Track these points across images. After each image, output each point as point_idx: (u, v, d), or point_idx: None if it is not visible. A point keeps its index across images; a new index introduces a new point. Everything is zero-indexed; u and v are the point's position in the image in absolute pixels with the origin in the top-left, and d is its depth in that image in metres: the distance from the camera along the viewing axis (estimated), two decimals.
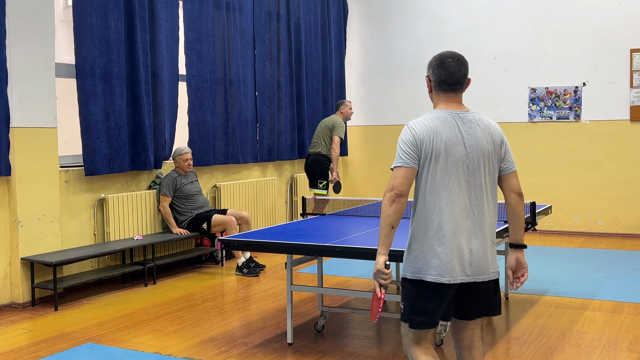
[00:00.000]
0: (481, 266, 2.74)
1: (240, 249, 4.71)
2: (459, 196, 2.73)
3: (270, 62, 8.46)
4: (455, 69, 2.85)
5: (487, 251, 2.76)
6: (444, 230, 2.71)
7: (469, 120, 2.79)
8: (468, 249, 2.72)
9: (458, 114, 2.80)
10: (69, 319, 5.21)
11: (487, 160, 2.77)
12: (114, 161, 6.31)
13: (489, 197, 2.79)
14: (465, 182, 2.73)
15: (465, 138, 2.74)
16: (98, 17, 6.14)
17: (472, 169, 2.74)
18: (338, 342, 4.50)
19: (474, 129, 2.77)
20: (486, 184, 2.78)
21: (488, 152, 2.77)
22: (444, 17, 9.56)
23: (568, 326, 4.77)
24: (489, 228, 2.79)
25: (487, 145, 2.77)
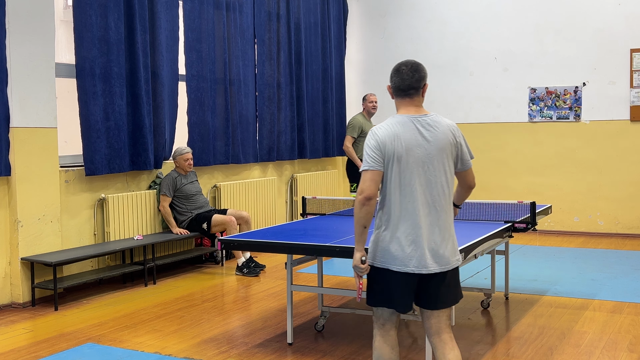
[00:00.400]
0: (443, 258, 2.99)
1: (240, 249, 4.71)
2: (420, 194, 2.98)
3: (270, 62, 8.46)
4: (408, 76, 3.06)
5: (448, 243, 3.02)
6: (407, 225, 2.97)
7: (427, 123, 3.03)
8: (431, 242, 2.97)
9: (417, 117, 3.04)
10: (69, 319, 5.21)
11: (446, 158, 3.03)
12: (113, 161, 6.31)
13: (447, 192, 3.04)
14: (425, 181, 2.98)
15: (424, 140, 2.99)
16: (98, 17, 6.14)
17: (432, 168, 2.99)
18: (338, 342, 4.50)
19: (433, 131, 3.01)
20: (446, 180, 3.03)
21: (446, 151, 3.02)
22: (444, 17, 9.56)
23: (568, 326, 4.77)
24: (449, 222, 3.04)
25: (445, 145, 3.02)
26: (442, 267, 2.99)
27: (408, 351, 4.30)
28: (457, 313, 5.10)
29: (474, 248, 3.99)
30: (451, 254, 3.03)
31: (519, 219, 4.84)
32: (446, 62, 9.56)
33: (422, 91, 3.10)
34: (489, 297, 5.29)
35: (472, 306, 5.33)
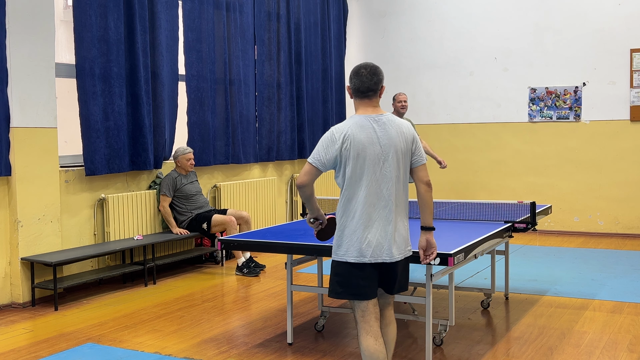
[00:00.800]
0: (399, 247, 3.24)
1: (240, 249, 4.71)
2: (375, 188, 3.18)
3: (270, 62, 8.46)
4: (367, 79, 3.26)
5: (402, 234, 3.26)
6: (364, 218, 3.17)
7: (383, 122, 3.23)
8: (387, 234, 3.19)
9: (373, 117, 3.24)
10: (69, 319, 5.21)
11: (401, 155, 3.22)
12: (113, 161, 6.31)
13: (401, 187, 3.25)
14: (381, 176, 3.18)
15: (380, 138, 3.19)
16: (98, 17, 6.14)
17: (387, 164, 3.19)
18: (338, 342, 4.50)
19: (388, 130, 3.21)
20: (399, 176, 3.23)
21: (400, 148, 3.21)
22: (444, 17, 9.56)
23: (568, 326, 4.77)
24: (403, 214, 3.28)
25: (399, 142, 3.21)
26: (396, 257, 3.22)
27: (408, 351, 4.30)
28: (457, 313, 5.11)
29: (474, 248, 3.99)
30: (404, 244, 3.27)
31: (519, 219, 4.84)
32: (446, 62, 9.56)
33: (379, 92, 3.31)
34: (489, 297, 5.29)
35: (472, 306, 5.33)
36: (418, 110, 9.82)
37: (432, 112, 9.69)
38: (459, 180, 9.55)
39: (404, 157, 3.24)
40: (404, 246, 3.28)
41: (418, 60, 9.76)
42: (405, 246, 3.29)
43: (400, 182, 3.23)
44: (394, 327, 3.41)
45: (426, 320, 3.94)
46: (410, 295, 4.48)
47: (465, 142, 9.50)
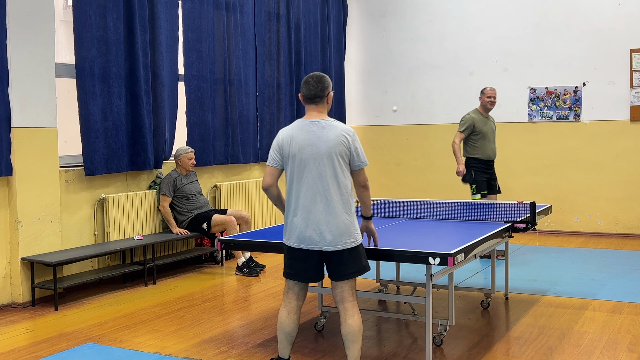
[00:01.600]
0: (333, 239, 3.53)
1: (240, 249, 4.71)
2: (312, 185, 3.54)
3: (270, 62, 8.47)
4: (313, 87, 3.64)
5: (339, 227, 3.53)
6: (304, 212, 3.56)
7: (322, 126, 3.59)
8: (321, 225, 3.52)
9: (314, 121, 3.62)
10: (69, 319, 5.21)
11: (335, 156, 3.54)
12: (111, 161, 6.31)
13: (337, 185, 3.55)
14: (317, 174, 3.53)
15: (317, 140, 3.56)
16: (97, 17, 6.14)
17: (322, 164, 3.53)
18: (338, 342, 4.50)
19: (325, 133, 3.56)
20: (335, 175, 3.54)
21: (337, 151, 3.54)
22: (444, 17, 9.56)
23: (568, 326, 4.77)
24: (339, 209, 3.54)
25: (335, 145, 3.54)
26: (331, 247, 3.53)
27: (408, 351, 4.30)
28: (457, 313, 5.11)
29: (474, 248, 3.99)
30: (340, 236, 3.53)
31: (519, 219, 4.84)
32: (446, 62, 9.56)
33: (326, 99, 3.67)
34: (488, 297, 5.29)
35: (472, 306, 5.33)
36: (418, 110, 9.82)
37: (432, 112, 9.69)
38: (459, 180, 9.53)
39: (339, 158, 3.55)
40: (342, 238, 3.54)
41: (418, 60, 9.76)
42: (343, 238, 3.54)
43: (335, 180, 3.54)
44: (353, 320, 3.57)
45: (426, 320, 3.94)
46: (410, 295, 4.48)
47: None
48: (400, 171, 9.97)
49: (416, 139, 9.84)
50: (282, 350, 3.75)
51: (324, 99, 3.67)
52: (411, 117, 9.88)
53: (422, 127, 9.79)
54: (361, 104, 10.21)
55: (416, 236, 4.34)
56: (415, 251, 3.72)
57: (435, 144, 9.71)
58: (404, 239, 4.22)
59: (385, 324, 4.95)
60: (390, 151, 10.03)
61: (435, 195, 9.53)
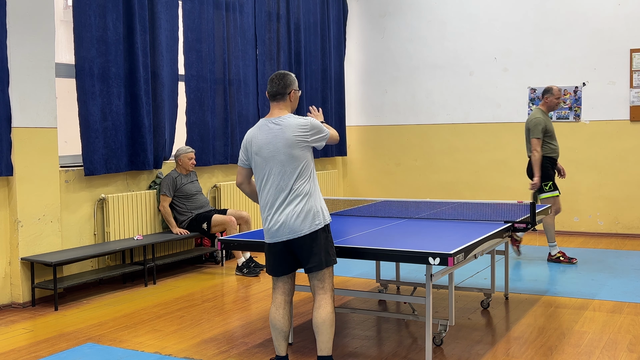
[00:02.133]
0: (295, 228, 3.64)
1: (240, 249, 4.70)
2: (273, 180, 3.68)
3: (271, 62, 8.47)
4: (275, 84, 3.74)
5: (299, 216, 3.64)
6: (267, 206, 3.73)
7: (277, 123, 3.69)
8: (287, 217, 3.64)
9: (272, 119, 3.72)
10: (69, 319, 5.21)
11: (294, 149, 3.64)
12: (111, 161, 6.31)
13: (298, 178, 3.66)
14: (277, 170, 3.66)
15: (274, 138, 3.67)
16: (97, 17, 6.14)
17: (282, 159, 3.64)
18: (338, 342, 4.50)
19: (281, 129, 3.66)
20: (295, 168, 3.65)
21: (292, 144, 3.64)
22: (444, 17, 9.56)
23: (568, 326, 4.77)
24: (302, 198, 3.66)
25: (290, 138, 3.64)
26: (296, 234, 3.64)
27: (408, 351, 4.30)
28: (457, 313, 5.11)
29: (474, 248, 3.99)
30: (304, 224, 3.64)
31: (518, 219, 4.84)
32: (446, 62, 9.56)
33: (289, 97, 3.76)
34: (488, 297, 5.29)
35: (472, 306, 5.33)
36: (418, 110, 9.82)
37: (432, 112, 9.69)
38: (459, 180, 9.55)
39: (298, 150, 3.65)
40: (305, 225, 3.64)
41: (418, 60, 9.76)
42: (306, 225, 3.64)
43: (295, 173, 3.65)
44: (322, 311, 3.68)
45: (426, 320, 3.94)
46: (410, 295, 4.48)
47: (465, 142, 9.50)
48: (400, 171, 9.97)
49: (416, 139, 9.84)
50: (278, 348, 3.80)
51: (286, 96, 3.75)
52: (411, 117, 9.88)
53: (422, 127, 9.79)
54: (361, 104, 10.21)
55: (416, 236, 4.34)
56: (415, 251, 3.72)
57: (435, 144, 9.71)
58: (404, 239, 4.22)
59: (385, 324, 4.95)
60: (390, 151, 10.03)
61: (435, 195, 9.53)
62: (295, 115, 3.75)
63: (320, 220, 3.68)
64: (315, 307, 3.71)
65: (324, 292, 3.71)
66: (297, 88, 3.81)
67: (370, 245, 3.93)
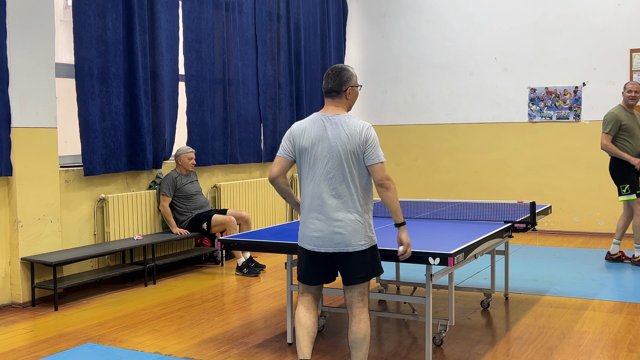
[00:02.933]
0: (344, 240, 3.39)
1: (240, 249, 4.70)
2: (323, 182, 3.41)
3: (272, 62, 8.47)
4: (330, 80, 3.49)
5: (348, 227, 3.39)
6: (312, 209, 3.44)
7: (336, 122, 3.43)
8: (333, 226, 3.39)
9: (329, 116, 3.46)
10: (69, 319, 5.21)
11: (349, 153, 3.38)
12: (110, 161, 6.31)
13: (350, 183, 3.39)
14: (325, 172, 3.40)
15: (329, 136, 3.41)
16: (96, 17, 6.14)
17: (333, 161, 3.39)
18: (338, 342, 4.50)
19: (338, 129, 3.40)
20: (344, 173, 3.39)
21: (349, 148, 3.38)
22: (444, 17, 9.56)
23: (568, 326, 4.77)
24: (352, 209, 3.40)
25: (347, 141, 3.38)
26: (342, 248, 3.39)
27: (408, 351, 4.30)
28: (457, 313, 5.11)
29: (474, 248, 3.99)
30: (352, 237, 3.39)
31: (518, 219, 4.84)
32: (446, 62, 9.56)
33: (345, 94, 3.50)
34: (488, 297, 5.29)
35: (472, 306, 5.33)
36: (418, 110, 9.82)
37: (432, 112, 9.69)
38: (459, 180, 9.55)
39: (353, 155, 3.38)
40: (352, 240, 3.39)
41: (418, 60, 9.76)
42: (354, 240, 3.40)
43: (346, 179, 3.39)
44: (358, 327, 3.45)
45: (426, 320, 3.94)
46: (410, 295, 4.48)
47: (465, 142, 9.50)
48: (400, 171, 9.97)
49: (416, 139, 9.84)
50: (304, 350, 3.48)
51: (342, 94, 3.49)
52: (411, 117, 9.88)
53: (422, 127, 9.79)
54: (361, 104, 10.20)
55: (416, 236, 4.34)
56: (415, 251, 3.72)
57: (435, 144, 9.71)
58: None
59: (385, 324, 4.95)
60: (390, 151, 10.03)
61: (435, 195, 9.53)
62: (355, 117, 3.48)
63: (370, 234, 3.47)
64: (352, 322, 3.46)
65: (364, 306, 3.48)
66: (355, 84, 3.53)
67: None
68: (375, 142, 3.40)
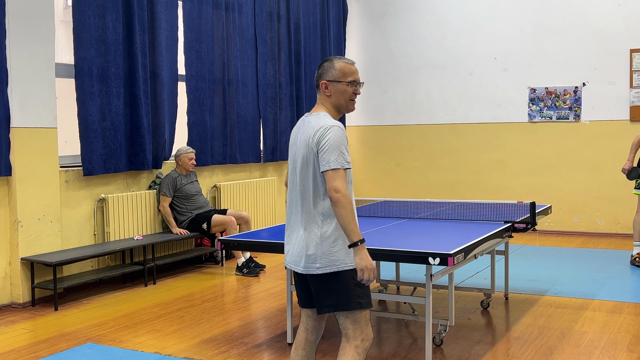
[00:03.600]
0: (307, 259, 2.88)
1: (240, 249, 4.71)
2: (292, 192, 3.01)
3: (272, 62, 8.47)
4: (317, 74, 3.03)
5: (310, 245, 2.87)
6: (286, 223, 3.05)
7: (305, 122, 2.97)
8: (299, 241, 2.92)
9: (306, 116, 3.00)
10: (69, 319, 5.21)
11: (306, 158, 2.89)
12: (109, 161, 6.31)
13: (307, 194, 2.90)
14: (293, 181, 2.99)
15: (298, 139, 2.97)
16: (96, 17, 6.14)
17: (299, 167, 2.93)
18: (338, 342, 4.50)
19: (305, 130, 2.92)
20: (305, 181, 2.90)
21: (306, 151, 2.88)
22: (444, 17, 9.56)
23: (568, 326, 4.77)
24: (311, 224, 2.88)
25: (305, 144, 2.89)
26: (303, 269, 2.90)
27: (408, 351, 4.30)
28: (457, 313, 5.11)
29: (474, 248, 3.99)
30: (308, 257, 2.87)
31: (518, 219, 4.84)
32: (446, 62, 9.56)
33: (322, 89, 2.98)
34: (488, 297, 5.29)
35: (472, 306, 5.33)
36: (418, 110, 9.82)
37: (432, 112, 9.69)
38: (459, 180, 9.55)
39: (308, 161, 2.87)
40: (309, 259, 2.87)
41: (418, 60, 9.76)
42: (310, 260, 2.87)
43: (305, 188, 2.90)
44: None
45: (426, 320, 3.94)
46: (410, 295, 4.48)
47: (465, 142, 9.50)
48: (400, 171, 9.97)
49: (416, 139, 9.84)
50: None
51: (319, 89, 3.00)
52: (411, 117, 9.88)
53: (422, 127, 9.79)
54: (361, 104, 10.21)
55: (416, 236, 4.34)
56: (415, 251, 3.72)
57: (435, 144, 9.71)
58: (404, 239, 4.22)
59: (385, 324, 4.95)
60: (390, 151, 10.03)
61: (435, 195, 9.53)
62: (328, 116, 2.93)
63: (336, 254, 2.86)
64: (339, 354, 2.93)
65: (347, 338, 2.89)
66: (333, 78, 2.93)
67: (370, 245, 3.92)
68: (330, 145, 2.78)
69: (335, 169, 2.76)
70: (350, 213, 2.75)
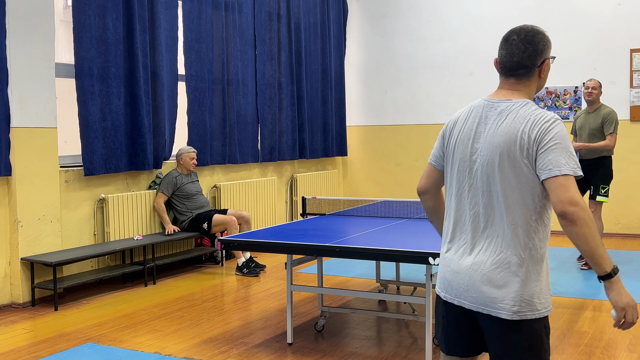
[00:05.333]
0: (483, 295, 2.17)
1: (241, 249, 4.71)
2: (470, 204, 2.24)
3: (271, 62, 8.47)
4: (516, 50, 2.20)
5: (501, 275, 2.14)
6: (450, 240, 2.30)
7: (499, 111, 2.19)
8: (478, 267, 2.18)
9: (494, 102, 2.22)
10: (69, 319, 5.21)
11: (509, 160, 2.14)
12: (110, 161, 6.31)
13: (507, 208, 2.16)
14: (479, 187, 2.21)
15: (485, 133, 2.20)
16: (96, 17, 6.14)
17: (479, 170, 2.21)
18: (338, 342, 4.50)
19: (499, 122, 2.17)
20: (505, 190, 2.15)
21: (510, 150, 2.13)
22: (444, 17, 9.56)
23: (568, 326, 4.77)
24: (502, 246, 2.16)
25: (509, 141, 2.14)
26: (479, 306, 2.18)
27: (408, 351, 4.30)
28: None
29: None
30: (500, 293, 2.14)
31: None
32: (446, 62, 9.56)
33: (538, 70, 2.22)
34: None
35: None
36: (418, 110, 9.82)
37: (432, 112, 9.69)
38: None
39: (512, 161, 2.13)
40: (497, 299, 2.14)
41: (418, 60, 9.75)
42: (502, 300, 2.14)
43: (497, 197, 2.17)
44: None
45: (426, 320, 3.94)
46: (410, 295, 4.48)
47: None
48: (400, 171, 9.97)
49: (416, 139, 9.84)
50: None
51: (533, 70, 2.21)
52: (411, 117, 9.88)
53: (422, 127, 9.79)
54: (361, 104, 10.21)
55: (416, 236, 4.34)
56: (415, 251, 3.72)
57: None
58: (404, 239, 4.22)
59: (385, 324, 4.95)
60: (390, 151, 10.03)
61: None
62: (536, 106, 2.18)
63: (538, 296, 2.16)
64: None
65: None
66: (549, 55, 2.24)
67: (370, 245, 3.93)
68: (558, 144, 2.09)
69: (567, 175, 2.07)
70: (597, 234, 2.13)
